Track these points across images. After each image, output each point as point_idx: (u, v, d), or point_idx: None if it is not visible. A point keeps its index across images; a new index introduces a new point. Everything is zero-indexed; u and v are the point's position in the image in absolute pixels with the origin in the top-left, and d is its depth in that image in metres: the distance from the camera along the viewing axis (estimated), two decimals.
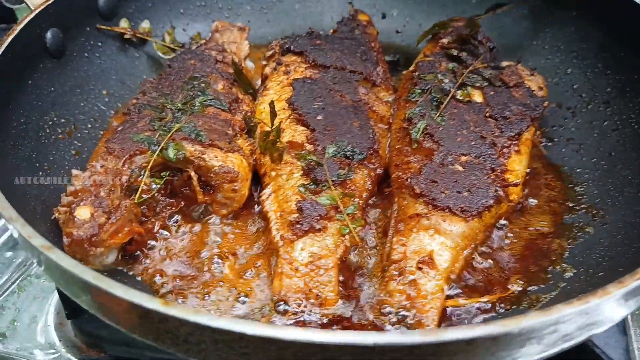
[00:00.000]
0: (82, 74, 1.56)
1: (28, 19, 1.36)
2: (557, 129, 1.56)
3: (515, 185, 1.25)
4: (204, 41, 1.76)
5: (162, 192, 1.23)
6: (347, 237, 1.18)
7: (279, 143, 1.26)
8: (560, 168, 1.46)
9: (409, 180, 1.24)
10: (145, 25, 1.77)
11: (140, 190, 1.16)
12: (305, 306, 1.09)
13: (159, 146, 1.20)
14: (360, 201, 1.24)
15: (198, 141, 1.23)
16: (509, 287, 1.17)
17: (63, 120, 1.45)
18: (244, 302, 1.11)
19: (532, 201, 1.36)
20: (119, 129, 1.28)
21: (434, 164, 1.26)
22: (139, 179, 1.17)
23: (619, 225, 1.26)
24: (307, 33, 1.66)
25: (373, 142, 1.33)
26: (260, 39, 1.94)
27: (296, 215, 1.18)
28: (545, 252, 1.25)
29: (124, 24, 1.71)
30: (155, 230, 1.20)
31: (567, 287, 1.16)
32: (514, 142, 1.32)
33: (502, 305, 1.14)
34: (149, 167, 1.18)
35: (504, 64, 1.53)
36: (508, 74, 1.45)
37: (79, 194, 1.11)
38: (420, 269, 1.12)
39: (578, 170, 1.43)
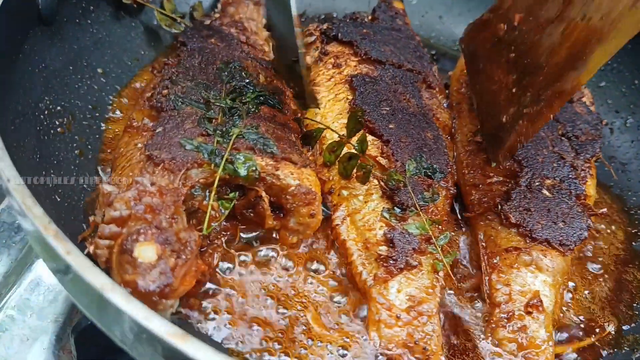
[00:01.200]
0: (75, 46, 1.21)
1: None
2: None
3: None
4: (216, 15, 1.47)
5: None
6: (441, 273, 1.02)
7: (361, 159, 1.05)
8: (611, 189, 1.41)
9: (499, 206, 1.11)
10: None
11: (208, 217, 0.90)
12: None
13: (222, 158, 0.94)
14: (450, 231, 1.09)
15: (268, 153, 0.99)
16: (604, 325, 1.10)
17: (59, 108, 1.11)
18: (344, 356, 0.92)
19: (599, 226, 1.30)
20: (159, 129, 0.99)
21: (522, 188, 1.14)
22: (204, 202, 0.91)
23: None
24: (349, 18, 1.43)
25: (448, 158, 1.18)
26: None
27: (385, 248, 1.00)
28: (622, 283, 1.20)
29: None
30: (215, 263, 0.96)
31: None
32: (588, 165, 1.24)
33: (603, 347, 1.07)
34: (215, 185, 0.92)
35: None
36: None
37: (130, 223, 0.84)
38: (529, 313, 1.00)
39: (629, 193, 1.40)
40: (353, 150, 1.05)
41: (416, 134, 1.17)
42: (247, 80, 1.17)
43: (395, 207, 1.05)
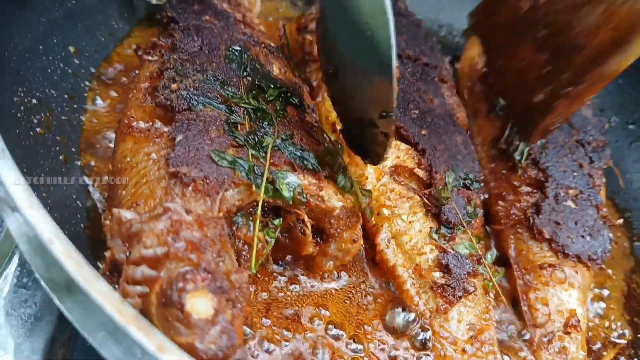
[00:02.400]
0: (43, 18, 0.97)
1: None
2: None
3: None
4: None
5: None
6: (491, 294, 0.97)
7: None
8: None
9: (530, 220, 1.06)
10: None
11: (255, 252, 0.75)
12: None
13: (262, 177, 0.79)
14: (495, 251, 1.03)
15: (310, 170, 0.85)
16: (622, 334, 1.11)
17: (35, 102, 0.89)
18: None
19: None
20: (180, 138, 0.81)
21: (550, 199, 1.10)
22: (249, 233, 0.77)
23: None
24: None
25: (479, 165, 1.11)
26: None
27: (440, 274, 0.92)
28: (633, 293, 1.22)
29: None
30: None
31: None
32: (601, 173, 1.23)
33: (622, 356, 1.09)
34: (259, 212, 0.78)
35: None
36: None
37: (168, 264, 0.68)
38: (568, 333, 0.98)
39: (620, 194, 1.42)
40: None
41: (448, 139, 1.08)
42: (262, 72, 1.01)
43: (441, 226, 0.97)
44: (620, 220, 1.25)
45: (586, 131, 1.28)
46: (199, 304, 0.66)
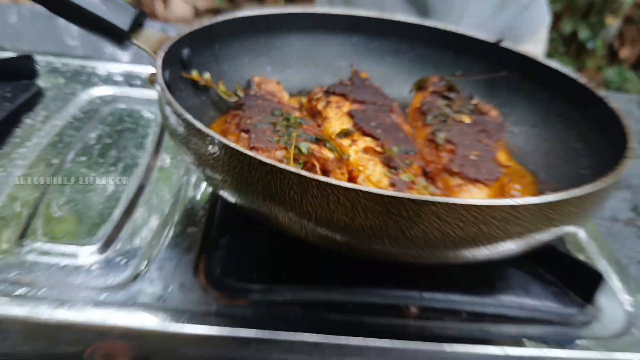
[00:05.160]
0: None
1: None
2: None
3: (508, 167, 1.98)
4: (254, 91, 2.29)
5: None
6: None
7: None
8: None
9: (448, 167, 1.89)
10: (206, 76, 2.25)
11: None
12: None
13: (292, 145, 1.71)
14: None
15: (315, 142, 1.76)
16: None
17: None
18: None
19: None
20: (252, 136, 1.76)
21: (458, 156, 1.94)
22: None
23: None
24: (339, 83, 2.30)
25: (415, 146, 1.98)
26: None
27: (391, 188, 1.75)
28: None
29: (194, 74, 2.18)
30: None
31: None
32: (497, 144, 2.06)
33: None
34: (292, 161, 1.68)
35: (474, 101, 2.31)
36: (481, 105, 2.23)
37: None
38: None
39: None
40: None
41: (395, 135, 1.97)
42: (290, 114, 1.97)
43: (391, 169, 1.81)
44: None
45: (487, 124, 2.14)
46: None
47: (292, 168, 1.01)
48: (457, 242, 0.80)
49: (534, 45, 2.49)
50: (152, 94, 1.32)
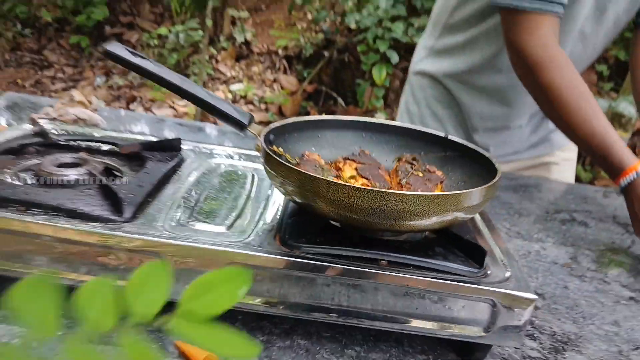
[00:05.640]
0: None
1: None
2: None
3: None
4: (305, 159, 3.97)
5: None
6: None
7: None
8: None
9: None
10: (280, 149, 3.69)
11: None
12: None
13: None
14: None
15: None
16: None
17: None
18: None
19: None
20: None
21: (412, 189, 3.56)
22: None
23: None
24: (351, 154, 4.00)
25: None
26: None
27: None
28: None
29: (275, 148, 3.71)
30: None
31: None
32: (436, 186, 3.67)
33: None
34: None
35: (427, 166, 3.92)
36: (430, 167, 3.85)
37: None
38: None
39: None
40: None
41: (379, 179, 3.64)
42: (323, 168, 3.68)
43: None
44: None
45: (433, 176, 3.80)
46: None
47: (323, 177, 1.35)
48: (402, 214, 1.26)
49: (570, 152, 2.79)
50: (246, 163, 2.18)
